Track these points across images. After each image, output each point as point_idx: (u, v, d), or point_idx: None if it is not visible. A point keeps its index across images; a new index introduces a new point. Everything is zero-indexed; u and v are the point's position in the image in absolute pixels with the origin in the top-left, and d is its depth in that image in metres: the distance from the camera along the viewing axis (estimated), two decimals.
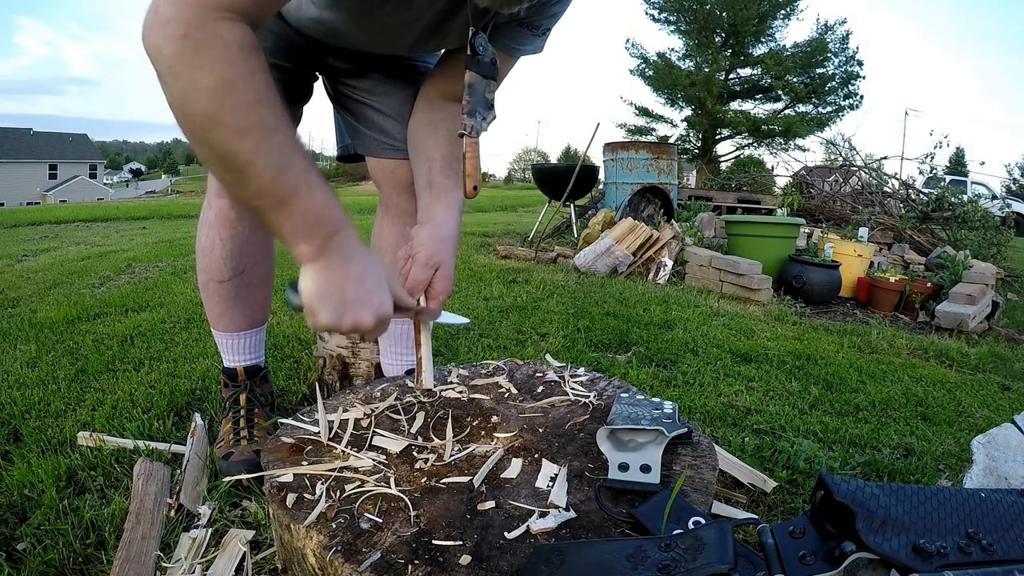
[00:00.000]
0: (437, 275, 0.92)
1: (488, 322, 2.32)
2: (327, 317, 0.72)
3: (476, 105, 0.89)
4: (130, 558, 0.81)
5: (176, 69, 0.63)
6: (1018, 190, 24.21)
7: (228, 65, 0.64)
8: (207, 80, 0.63)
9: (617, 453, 0.74)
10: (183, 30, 0.62)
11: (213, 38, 0.63)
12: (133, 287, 2.90)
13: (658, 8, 17.57)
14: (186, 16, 0.62)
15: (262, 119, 0.66)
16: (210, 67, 0.63)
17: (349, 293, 0.72)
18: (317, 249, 0.71)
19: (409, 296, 0.84)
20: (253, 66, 0.66)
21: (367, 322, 0.72)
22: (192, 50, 0.62)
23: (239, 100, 0.65)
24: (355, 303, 0.72)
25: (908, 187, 6.59)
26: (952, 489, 0.58)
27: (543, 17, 0.95)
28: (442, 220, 0.96)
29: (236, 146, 0.66)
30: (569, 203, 5.58)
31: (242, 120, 0.65)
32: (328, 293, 0.72)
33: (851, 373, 2.03)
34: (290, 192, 0.68)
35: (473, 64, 0.87)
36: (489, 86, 0.89)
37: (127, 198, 27.91)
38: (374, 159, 1.18)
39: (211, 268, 1.12)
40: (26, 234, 6.14)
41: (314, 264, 0.72)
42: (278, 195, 0.68)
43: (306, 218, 0.70)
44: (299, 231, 0.70)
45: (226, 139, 0.66)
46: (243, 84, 0.65)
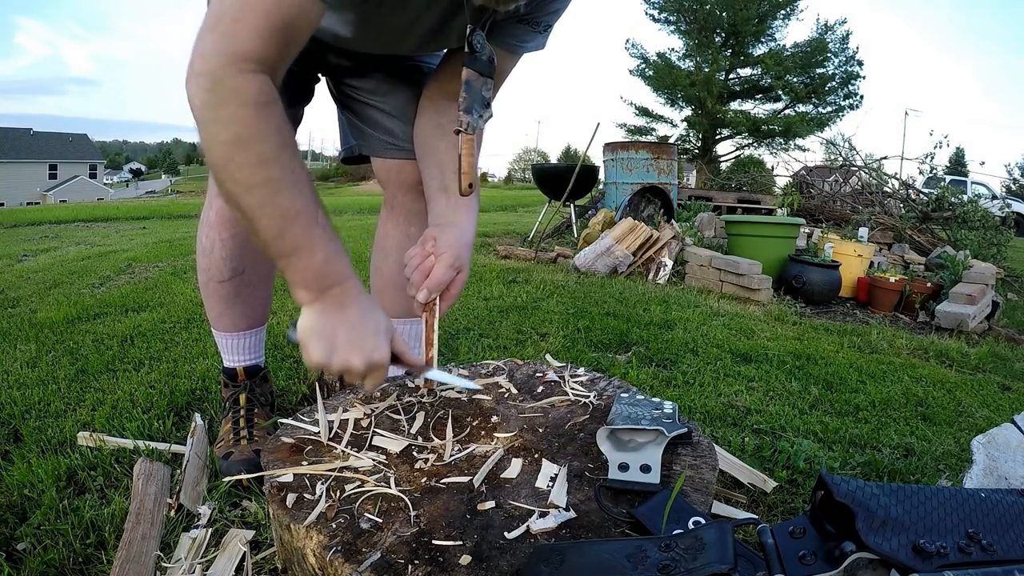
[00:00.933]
0: (456, 278, 0.93)
1: (488, 322, 2.31)
2: (316, 354, 0.75)
3: (473, 102, 0.89)
4: (130, 558, 0.81)
5: (203, 121, 0.69)
6: (1018, 190, 24.21)
7: (242, 123, 0.68)
8: (223, 135, 0.68)
9: (617, 453, 0.74)
10: (209, 84, 0.67)
11: (233, 94, 0.67)
12: (133, 287, 2.90)
13: (658, 8, 17.57)
14: (211, 69, 0.67)
15: (269, 179, 0.70)
16: (227, 123, 0.68)
17: (340, 336, 0.75)
18: (314, 296, 0.76)
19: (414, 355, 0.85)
20: (267, 123, 0.69)
21: (356, 364, 0.75)
22: (213, 104, 0.68)
23: (247, 158, 0.69)
24: (346, 345, 0.75)
25: (908, 187, 6.59)
26: (952, 489, 0.58)
27: (544, 13, 0.94)
28: (466, 225, 0.97)
29: (244, 202, 0.71)
30: (569, 203, 5.58)
31: (249, 178, 0.69)
32: (320, 333, 0.76)
33: (851, 373, 2.03)
34: (291, 250, 0.73)
35: (470, 61, 0.87)
36: (486, 83, 0.89)
37: (127, 198, 27.92)
38: (379, 159, 1.17)
39: (211, 268, 1.12)
40: (26, 234, 6.14)
41: (310, 307, 0.76)
42: (280, 250, 0.73)
43: (305, 273, 0.74)
44: (298, 281, 0.75)
45: (237, 192, 0.71)
46: (254, 142, 0.69)
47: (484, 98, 0.89)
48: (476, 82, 0.88)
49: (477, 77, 0.88)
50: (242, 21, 0.67)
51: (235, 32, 0.67)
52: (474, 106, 0.89)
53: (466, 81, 0.88)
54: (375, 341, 0.77)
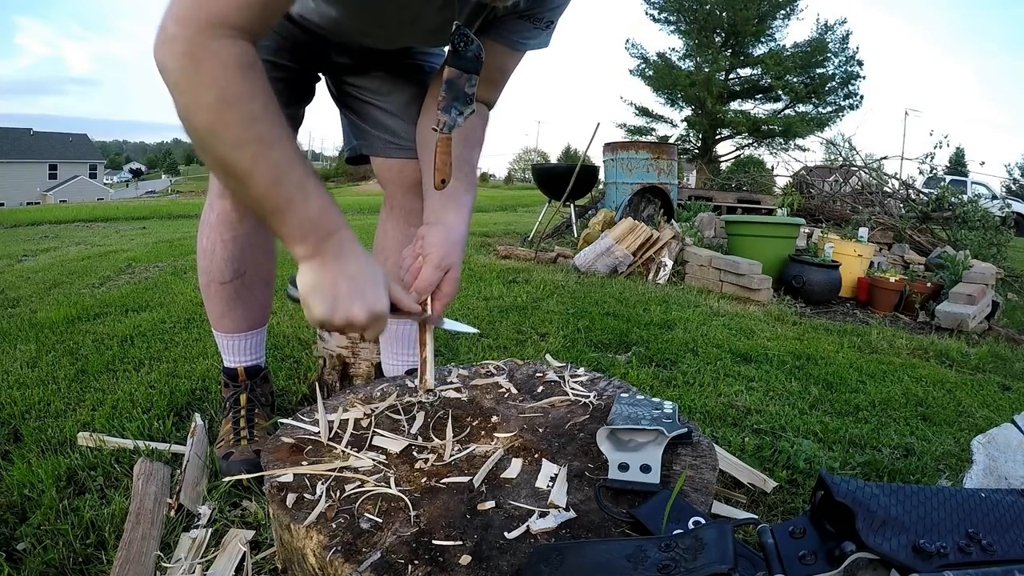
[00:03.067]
0: (446, 277, 0.92)
1: (488, 322, 2.31)
2: (319, 310, 0.75)
3: (452, 101, 0.88)
4: (130, 558, 0.81)
5: (180, 86, 0.67)
6: (1018, 190, 24.21)
7: (226, 83, 0.67)
8: (207, 97, 0.67)
9: (617, 453, 0.74)
10: (184, 48, 0.66)
11: (212, 57, 0.66)
12: (133, 287, 2.90)
13: (658, 8, 17.58)
14: (187, 35, 0.66)
15: (259, 134, 0.69)
16: (210, 85, 0.66)
17: (342, 288, 0.74)
18: (312, 249, 0.75)
19: (412, 300, 0.84)
20: (251, 83, 0.69)
21: (358, 316, 0.74)
22: (193, 68, 0.66)
23: (236, 116, 0.68)
24: (347, 298, 0.74)
25: (908, 187, 6.59)
26: (952, 489, 0.58)
27: (545, 9, 0.94)
28: (454, 223, 0.96)
29: (235, 158, 0.70)
30: (569, 203, 5.58)
31: (240, 135, 0.69)
32: (321, 287, 0.75)
33: (851, 373, 2.03)
34: (286, 201, 0.72)
35: (454, 59, 0.86)
36: (470, 80, 0.88)
37: (127, 198, 27.92)
38: (380, 159, 1.17)
39: (212, 270, 1.12)
40: (26, 234, 6.14)
41: (310, 262, 0.75)
42: (275, 203, 0.72)
43: (302, 224, 0.74)
44: (295, 235, 0.74)
45: (226, 152, 0.70)
46: (241, 101, 0.68)
47: (466, 95, 0.88)
48: (459, 80, 0.87)
49: (460, 75, 0.87)
50: None
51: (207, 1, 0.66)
52: (453, 105, 0.88)
53: (447, 80, 0.87)
54: (375, 292, 0.76)
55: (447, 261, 0.92)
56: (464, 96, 0.88)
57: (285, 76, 1.04)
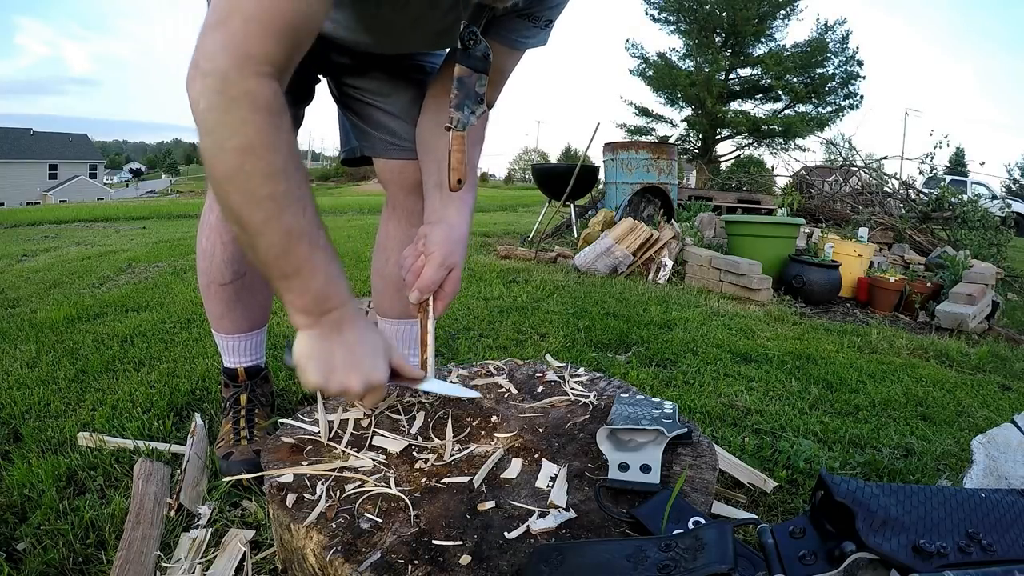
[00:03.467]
0: (448, 277, 0.92)
1: (488, 322, 2.31)
2: (314, 377, 0.74)
3: (464, 99, 0.88)
4: (130, 558, 0.81)
5: (207, 124, 0.65)
6: (1018, 190, 24.20)
7: (254, 129, 0.64)
8: (232, 142, 0.64)
9: (617, 453, 0.74)
10: (220, 86, 0.63)
11: (245, 98, 0.64)
12: (133, 287, 2.90)
13: (658, 8, 17.58)
14: (223, 70, 0.63)
15: (276, 192, 0.66)
16: (237, 128, 0.64)
17: (338, 358, 0.74)
18: (311, 321, 0.74)
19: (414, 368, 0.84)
20: (278, 133, 0.66)
21: (354, 386, 0.74)
22: (224, 108, 0.64)
23: (258, 168, 0.65)
24: (343, 368, 0.74)
25: (908, 187, 6.59)
26: (952, 489, 0.58)
27: (544, 8, 0.94)
28: (456, 221, 0.96)
29: (249, 215, 0.67)
30: (569, 203, 5.58)
31: (257, 190, 0.66)
32: (317, 356, 0.74)
33: (851, 373, 2.03)
34: (292, 271, 0.70)
35: (463, 58, 0.86)
36: (480, 79, 0.88)
37: (127, 198, 27.92)
38: (381, 160, 1.17)
39: (212, 271, 1.12)
40: (26, 234, 6.13)
41: (308, 331, 0.75)
42: (281, 270, 0.70)
43: (304, 296, 0.72)
44: (296, 304, 0.73)
45: (241, 205, 0.67)
46: (265, 152, 0.65)
47: (477, 94, 0.89)
48: (469, 79, 0.87)
49: (470, 74, 0.87)
50: (255, 20, 0.63)
51: (247, 31, 0.63)
52: (466, 103, 0.88)
53: (458, 78, 0.87)
54: (372, 362, 0.76)
55: (450, 260, 0.92)
56: (475, 95, 0.88)
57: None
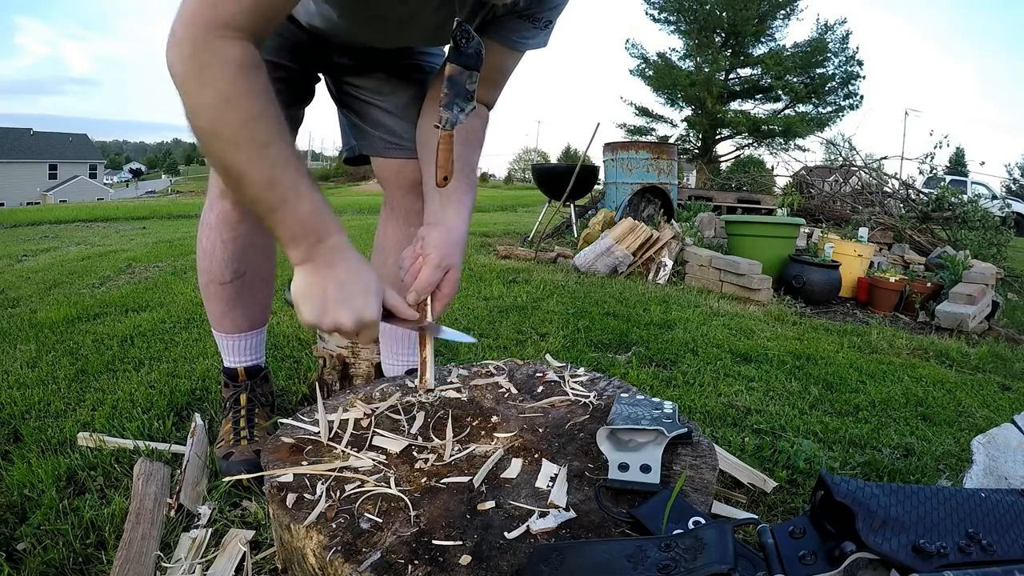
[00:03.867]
0: (446, 278, 0.92)
1: (488, 322, 2.31)
2: (308, 314, 0.77)
3: (454, 98, 0.88)
4: (130, 558, 0.81)
5: (186, 86, 0.70)
6: (1018, 190, 24.21)
7: (227, 83, 0.69)
8: (208, 97, 0.69)
9: (617, 453, 0.74)
10: (190, 49, 0.68)
11: (215, 57, 0.68)
12: (133, 287, 2.90)
13: (658, 8, 17.58)
14: (192, 35, 0.68)
15: (256, 134, 0.71)
16: (212, 84, 0.69)
17: (330, 294, 0.77)
18: (304, 254, 0.77)
19: (409, 309, 0.85)
20: (252, 84, 0.71)
21: (345, 322, 0.77)
22: (196, 68, 0.69)
23: (236, 116, 0.70)
24: (335, 304, 0.76)
25: (908, 187, 6.59)
26: (952, 489, 0.58)
27: (544, 9, 0.94)
28: (454, 223, 0.96)
29: (232, 158, 0.72)
30: (569, 203, 5.58)
31: (237, 135, 0.71)
32: (310, 293, 0.77)
33: (851, 373, 2.03)
34: (279, 202, 0.74)
35: (454, 56, 0.86)
36: (471, 77, 0.88)
37: (127, 198, 27.92)
38: (380, 159, 1.17)
39: (212, 270, 1.12)
40: (26, 234, 6.13)
41: (302, 267, 0.78)
42: (269, 204, 0.74)
43: (293, 226, 0.76)
44: (288, 237, 0.76)
45: (224, 151, 0.72)
46: (240, 101, 0.70)
47: (467, 91, 0.89)
48: (459, 76, 0.87)
49: (461, 72, 0.87)
50: None
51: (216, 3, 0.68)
52: (455, 101, 0.88)
53: (448, 76, 0.87)
54: (364, 299, 0.78)
55: (447, 261, 0.92)
56: (466, 93, 0.88)
57: (285, 76, 1.04)
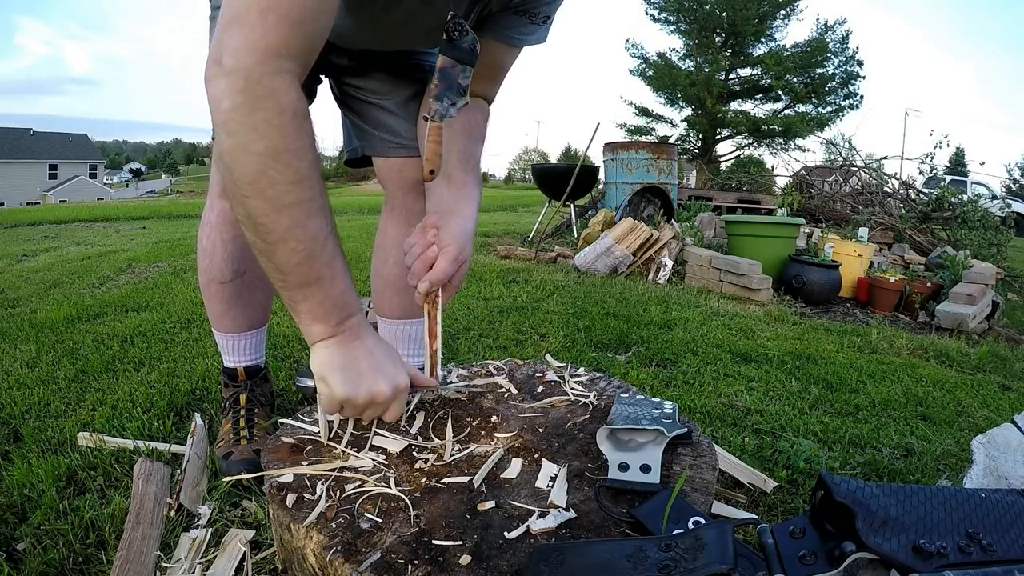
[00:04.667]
0: (459, 270, 0.92)
1: (488, 322, 2.31)
2: (341, 388, 0.72)
3: (445, 90, 0.87)
4: (130, 558, 0.81)
5: (230, 126, 0.63)
6: (1018, 190, 24.21)
7: (280, 133, 0.62)
8: (258, 145, 0.62)
9: (617, 453, 0.74)
10: (243, 84, 0.61)
11: (271, 99, 0.62)
12: (133, 287, 2.90)
13: (658, 8, 17.59)
14: (246, 67, 0.61)
15: (303, 199, 0.65)
16: (263, 131, 0.62)
17: (363, 365, 0.74)
18: (332, 329, 0.73)
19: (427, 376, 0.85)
20: (303, 137, 0.65)
21: (384, 390, 0.73)
22: (249, 108, 0.61)
23: (285, 174, 0.63)
24: (370, 373, 0.73)
25: (908, 187, 6.59)
26: (952, 489, 0.58)
27: (540, 4, 0.93)
28: (469, 214, 0.95)
29: (273, 221, 0.65)
30: (569, 203, 5.58)
31: (284, 196, 0.64)
32: (342, 365, 0.73)
33: (851, 373, 2.03)
34: (314, 278, 0.69)
35: (447, 49, 0.85)
36: (464, 71, 0.87)
37: (127, 198, 27.93)
38: (381, 159, 1.17)
39: (212, 269, 1.12)
40: (26, 234, 6.13)
41: (326, 343, 0.74)
42: (302, 278, 0.69)
43: (324, 304, 0.72)
44: (317, 313, 0.72)
45: (265, 211, 0.65)
46: (292, 157, 0.64)
47: (460, 86, 0.87)
48: (452, 70, 0.86)
49: (453, 65, 0.86)
50: (271, 10, 0.61)
51: (266, 23, 0.61)
52: (446, 94, 0.87)
53: (440, 69, 0.85)
54: (395, 367, 0.76)
55: (464, 254, 0.91)
56: (458, 87, 0.87)
57: None
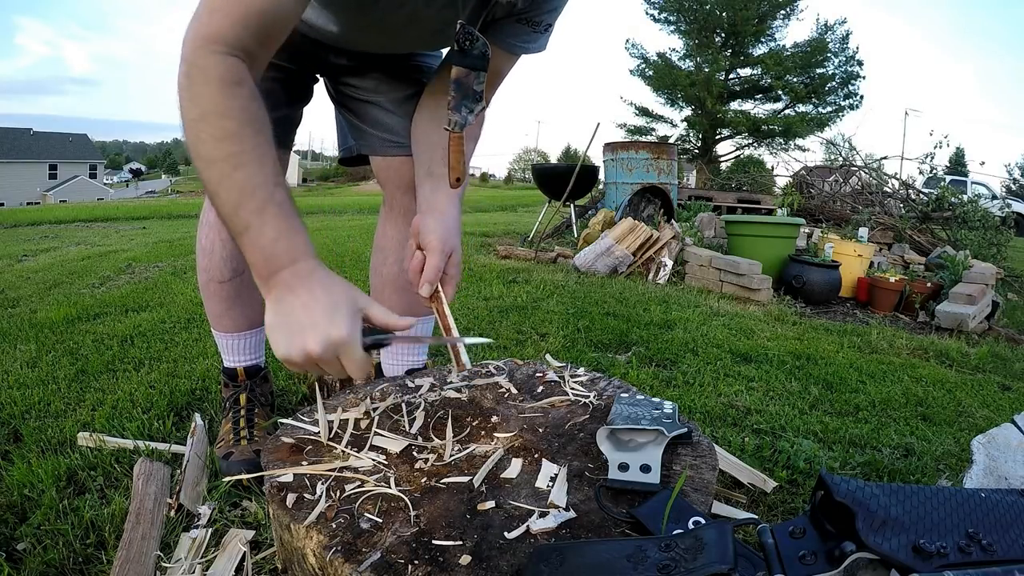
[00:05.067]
0: (450, 261, 0.93)
1: (488, 322, 2.31)
2: (278, 348, 0.71)
3: (462, 100, 0.88)
4: (130, 558, 0.81)
5: (179, 101, 0.71)
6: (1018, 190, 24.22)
7: (207, 99, 0.70)
8: (192, 112, 0.70)
9: (617, 453, 0.74)
10: (185, 66, 0.70)
11: (201, 72, 0.70)
12: (133, 287, 2.90)
13: (658, 8, 17.58)
14: (188, 51, 0.70)
15: (229, 153, 0.70)
16: (194, 100, 0.70)
17: (296, 319, 0.70)
18: (268, 283, 0.72)
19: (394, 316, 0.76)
20: (231, 100, 0.70)
21: (313, 348, 0.68)
22: (186, 84, 0.70)
23: (210, 132, 0.70)
24: (300, 329, 0.69)
25: (908, 187, 6.59)
26: (952, 489, 0.58)
27: (541, 12, 0.94)
28: (447, 208, 0.96)
29: (206, 175, 0.72)
30: (569, 203, 5.58)
31: (211, 152, 0.70)
32: (275, 322, 0.72)
33: (851, 373, 2.03)
34: (243, 227, 0.71)
35: (460, 58, 0.86)
36: (478, 78, 0.88)
37: (127, 198, 27.93)
38: (378, 158, 1.17)
39: (211, 268, 1.12)
40: (26, 234, 6.13)
41: (268, 298, 0.73)
42: (235, 227, 0.72)
43: (255, 252, 0.72)
44: (253, 264, 0.73)
45: (200, 168, 0.72)
46: (215, 119, 0.70)
47: (476, 93, 0.89)
48: (467, 79, 0.87)
49: (467, 73, 0.87)
50: (217, 10, 0.70)
51: (209, 19, 0.70)
52: (463, 103, 0.89)
53: (455, 79, 0.87)
54: (329, 317, 0.69)
55: (448, 245, 0.92)
56: (474, 94, 0.89)
57: (282, 77, 1.05)
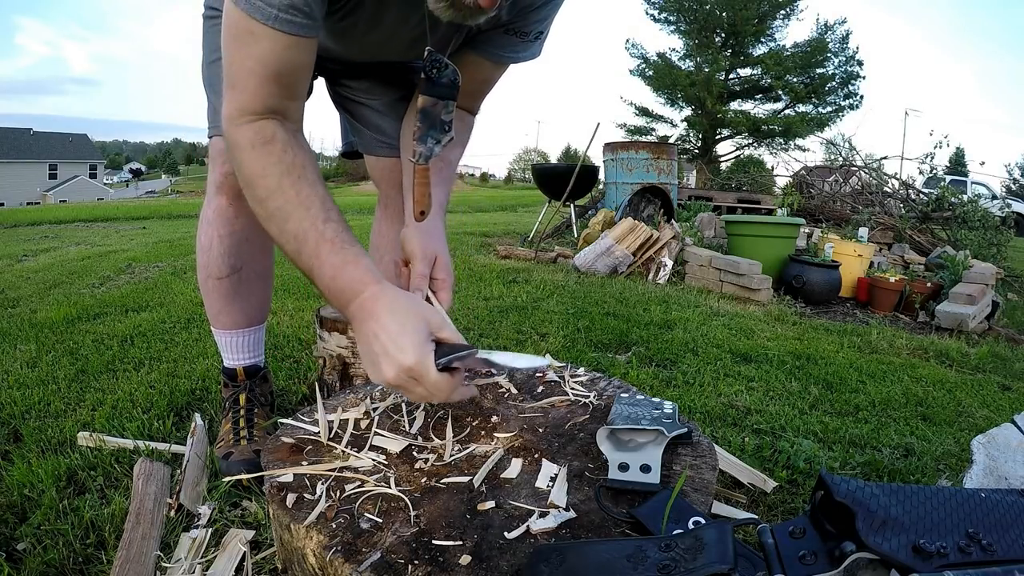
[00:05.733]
0: (436, 265, 0.92)
1: (488, 322, 2.31)
2: (369, 375, 0.76)
3: (428, 130, 0.87)
4: (130, 558, 0.81)
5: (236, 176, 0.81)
6: (1018, 190, 24.22)
7: (245, 167, 0.78)
8: (241, 181, 0.80)
9: (617, 453, 0.74)
10: (228, 144, 0.80)
11: (236, 145, 0.78)
12: (133, 287, 2.90)
13: (658, 8, 17.58)
14: (225, 131, 0.79)
15: (274, 210, 0.77)
16: (239, 170, 0.79)
17: (374, 348, 0.73)
18: (347, 316, 0.78)
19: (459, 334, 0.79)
20: (265, 159, 0.77)
21: (389, 376, 0.71)
22: (231, 159, 0.80)
23: (255, 194, 0.78)
24: (376, 360, 0.73)
25: (908, 187, 6.59)
26: (952, 489, 0.58)
27: (529, 23, 0.92)
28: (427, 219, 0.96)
29: (270, 232, 0.80)
30: (569, 203, 5.58)
31: (262, 211, 0.78)
32: (361, 353, 0.77)
33: (851, 373, 2.03)
34: (308, 270, 0.78)
35: (427, 88, 0.84)
36: (447, 107, 0.86)
37: (127, 198, 27.94)
38: (373, 157, 1.19)
39: (210, 265, 1.13)
40: (26, 234, 6.13)
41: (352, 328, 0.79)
42: (304, 271, 0.79)
43: (324, 291, 0.78)
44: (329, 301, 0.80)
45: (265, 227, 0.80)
46: (257, 179, 0.77)
47: (443, 123, 0.87)
48: (434, 108, 0.86)
49: (435, 103, 0.85)
50: (237, 87, 0.76)
51: (231, 97, 0.77)
52: (430, 133, 0.87)
53: (421, 109, 0.85)
54: (396, 344, 0.70)
55: (429, 250, 0.92)
56: (441, 124, 0.87)
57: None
